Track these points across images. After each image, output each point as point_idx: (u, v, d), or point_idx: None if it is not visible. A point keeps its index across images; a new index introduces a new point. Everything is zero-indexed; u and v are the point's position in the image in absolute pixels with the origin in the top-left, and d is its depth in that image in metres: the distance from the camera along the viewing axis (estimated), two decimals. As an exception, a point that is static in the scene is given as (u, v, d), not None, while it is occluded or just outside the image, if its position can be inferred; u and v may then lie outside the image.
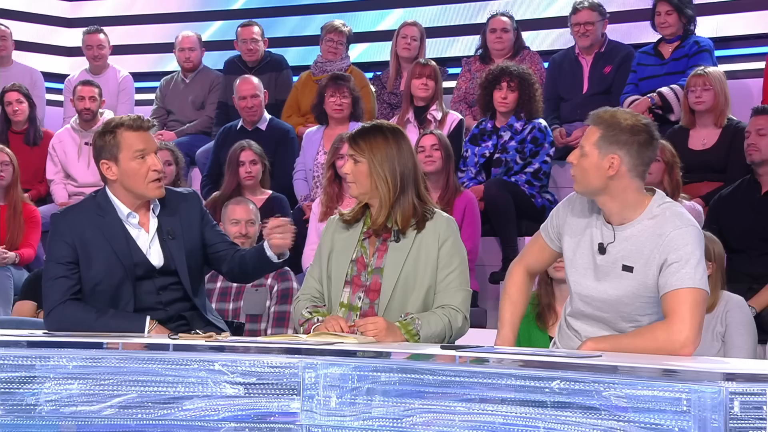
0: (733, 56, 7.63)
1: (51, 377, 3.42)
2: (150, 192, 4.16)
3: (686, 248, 3.51)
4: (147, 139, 4.16)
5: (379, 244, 4.01)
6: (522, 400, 2.97)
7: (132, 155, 4.13)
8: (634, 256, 3.59)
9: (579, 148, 3.62)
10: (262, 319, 5.73)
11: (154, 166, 4.14)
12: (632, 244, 3.59)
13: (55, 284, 4.12)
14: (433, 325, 3.89)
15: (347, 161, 4.03)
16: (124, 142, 4.14)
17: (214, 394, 3.34)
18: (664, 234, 3.54)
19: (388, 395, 3.16)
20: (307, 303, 4.07)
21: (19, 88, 8.05)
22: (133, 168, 4.13)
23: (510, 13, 7.79)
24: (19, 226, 6.96)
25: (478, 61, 7.71)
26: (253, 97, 7.53)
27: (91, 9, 9.89)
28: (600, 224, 3.68)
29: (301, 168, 7.27)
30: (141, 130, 4.15)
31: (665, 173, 5.73)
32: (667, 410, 2.76)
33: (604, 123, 3.61)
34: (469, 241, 6.08)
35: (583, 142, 3.61)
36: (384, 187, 3.95)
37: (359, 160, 3.98)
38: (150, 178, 4.14)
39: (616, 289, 3.62)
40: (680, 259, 3.50)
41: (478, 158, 6.81)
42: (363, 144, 3.99)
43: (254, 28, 8.37)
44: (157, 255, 4.18)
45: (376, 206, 4.01)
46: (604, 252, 3.64)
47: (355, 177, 3.99)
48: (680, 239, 3.52)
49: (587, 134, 3.63)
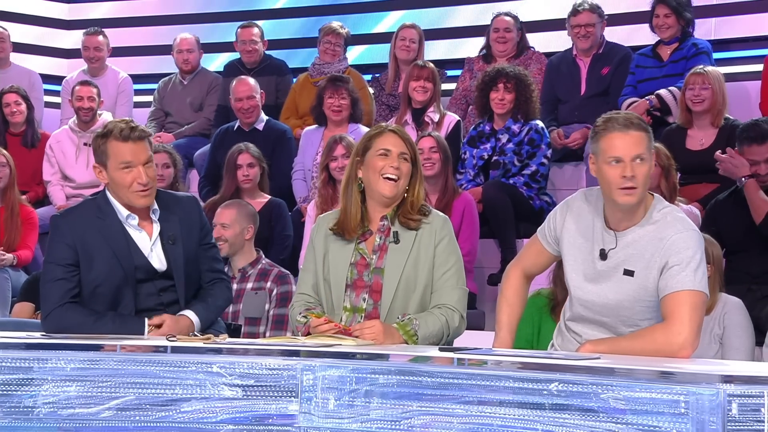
0: (731, 59, 7.64)
1: (49, 379, 3.41)
2: (135, 200, 4.14)
3: (687, 252, 3.51)
4: (135, 151, 4.12)
5: (381, 242, 4.01)
6: (520, 402, 2.97)
7: (118, 165, 4.12)
8: (634, 261, 3.59)
9: (636, 158, 3.53)
10: (261, 322, 5.74)
11: (139, 179, 4.10)
12: (634, 249, 3.59)
13: (54, 286, 4.12)
14: (431, 325, 3.90)
15: (396, 158, 4.00)
16: (112, 151, 4.13)
17: (212, 396, 3.34)
18: (666, 238, 3.54)
19: (387, 397, 3.16)
20: (301, 308, 4.06)
21: (17, 90, 8.06)
22: (119, 177, 4.12)
23: (514, 13, 7.78)
24: (17, 227, 6.96)
25: (481, 61, 7.70)
26: (249, 98, 7.52)
27: (89, 11, 9.89)
28: (601, 230, 3.66)
29: (300, 168, 7.27)
30: (130, 141, 4.11)
31: (662, 177, 5.71)
32: (665, 412, 2.76)
33: (644, 128, 3.59)
34: (468, 243, 6.08)
35: (639, 151, 3.54)
36: (421, 186, 4.00)
37: (409, 159, 4.02)
38: (134, 189, 4.12)
39: (617, 293, 3.62)
40: (681, 262, 3.50)
41: (476, 160, 6.81)
42: (412, 142, 4.06)
43: (254, 29, 8.38)
44: (158, 259, 4.18)
45: (385, 205, 4.01)
46: (606, 258, 3.63)
47: (405, 174, 4.01)
48: (681, 243, 3.52)
49: (638, 140, 3.55)
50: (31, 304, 6.17)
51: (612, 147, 3.57)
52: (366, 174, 4.03)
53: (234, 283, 5.81)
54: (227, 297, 4.36)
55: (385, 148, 3.99)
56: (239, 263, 5.90)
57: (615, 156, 3.56)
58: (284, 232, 6.71)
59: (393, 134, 4.04)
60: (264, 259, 5.95)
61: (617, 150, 3.56)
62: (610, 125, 3.58)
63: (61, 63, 9.74)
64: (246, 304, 5.75)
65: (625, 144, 3.55)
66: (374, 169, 3.99)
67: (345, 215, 4.05)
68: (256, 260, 5.92)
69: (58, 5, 9.93)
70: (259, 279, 5.84)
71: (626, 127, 3.56)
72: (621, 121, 3.57)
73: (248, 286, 5.81)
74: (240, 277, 5.86)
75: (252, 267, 5.89)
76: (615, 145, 3.56)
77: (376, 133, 4.06)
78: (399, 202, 4.03)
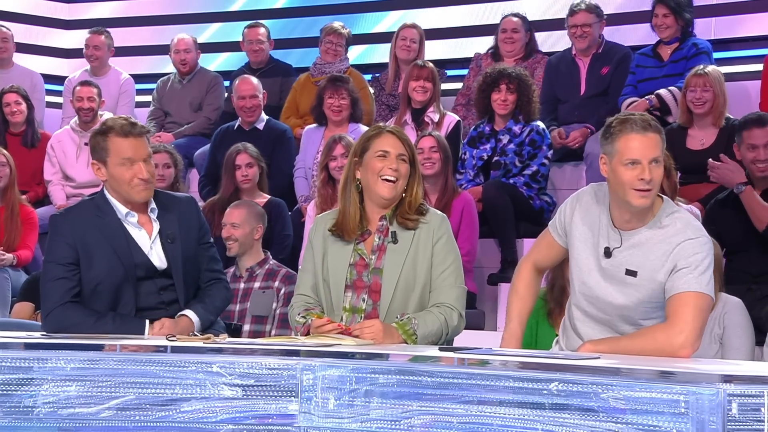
0: (731, 58, 7.64)
1: (49, 379, 3.41)
2: (135, 195, 4.15)
3: (696, 256, 3.52)
4: (136, 147, 4.13)
5: (380, 242, 4.01)
6: (520, 401, 2.97)
7: (119, 161, 4.12)
8: (638, 262, 3.58)
9: (653, 161, 3.52)
10: (267, 321, 5.76)
11: (140, 174, 4.11)
12: (639, 251, 3.59)
13: (54, 285, 4.12)
14: (430, 324, 3.90)
15: (395, 159, 3.99)
16: (112, 147, 4.13)
17: (212, 396, 3.34)
18: (675, 243, 3.54)
19: (387, 397, 3.16)
20: (301, 309, 4.06)
21: (18, 90, 8.07)
22: (119, 173, 4.12)
23: (523, 14, 7.75)
24: (17, 227, 6.96)
25: (490, 58, 7.69)
26: (252, 97, 7.53)
27: (89, 11, 9.89)
28: (607, 227, 3.66)
29: (301, 166, 7.27)
30: (131, 136, 4.12)
31: (663, 177, 5.72)
32: (665, 412, 2.76)
33: (660, 129, 3.58)
34: (467, 243, 6.08)
35: (656, 154, 3.53)
36: (419, 185, 3.99)
37: (407, 160, 4.01)
38: (134, 184, 4.12)
39: (621, 293, 3.62)
40: (689, 265, 3.51)
41: (476, 161, 6.80)
42: (410, 143, 4.04)
43: (260, 29, 8.40)
44: (158, 257, 4.18)
45: (383, 206, 4.01)
46: (610, 256, 3.63)
47: (404, 175, 4.00)
48: (691, 248, 3.53)
49: (655, 143, 3.55)
50: (30, 304, 6.17)
51: (629, 149, 3.54)
52: (364, 175, 4.02)
53: (241, 282, 5.84)
54: (225, 297, 4.36)
55: (384, 150, 3.99)
56: (247, 263, 5.92)
57: (633, 158, 3.53)
58: (284, 232, 6.71)
59: (391, 135, 4.03)
60: (271, 260, 5.97)
61: (635, 152, 3.53)
62: (628, 126, 3.55)
63: (61, 63, 9.74)
64: (254, 303, 5.78)
65: (644, 146, 3.53)
66: (373, 170, 3.98)
67: (344, 216, 4.04)
68: (264, 260, 5.94)
69: (58, 5, 9.93)
70: (266, 279, 5.86)
71: (644, 129, 3.54)
72: (639, 123, 3.54)
73: (256, 285, 5.84)
74: (247, 276, 5.88)
75: (260, 267, 5.91)
76: (633, 147, 3.54)
77: (374, 134, 4.05)
78: (397, 202, 4.03)
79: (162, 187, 6.55)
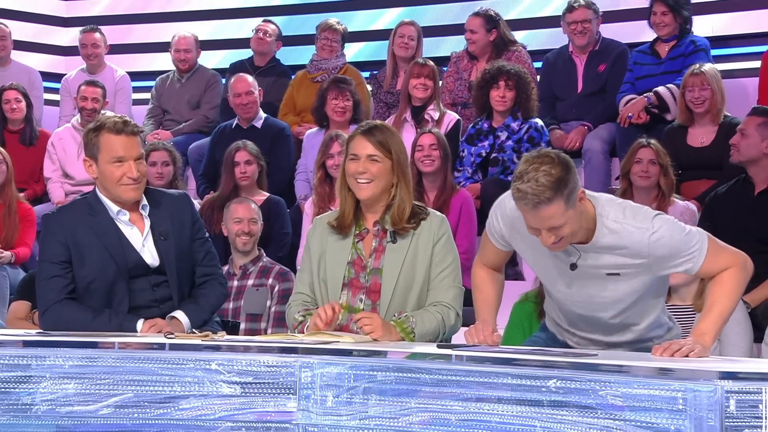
0: (729, 55, 7.64)
1: (47, 377, 3.41)
2: (123, 194, 4.14)
3: (675, 237, 3.47)
4: (128, 145, 4.11)
5: (377, 245, 4.01)
6: (518, 399, 2.98)
7: (110, 159, 4.11)
8: (608, 263, 3.53)
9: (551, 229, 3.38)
10: (262, 319, 5.75)
11: (130, 174, 4.09)
12: (600, 259, 3.52)
13: (49, 284, 4.12)
14: (427, 322, 3.90)
15: (364, 161, 3.97)
16: (104, 145, 4.12)
17: (211, 393, 3.34)
18: (644, 245, 3.45)
19: (385, 394, 3.16)
20: (299, 308, 4.06)
21: (17, 87, 8.06)
22: (109, 171, 4.12)
23: (487, 11, 7.59)
24: (15, 225, 6.95)
25: (466, 58, 7.66)
26: (247, 94, 7.53)
27: (86, 8, 9.88)
28: None
29: (303, 170, 7.27)
30: (123, 134, 4.10)
31: (661, 175, 5.82)
32: (663, 409, 2.76)
33: (550, 197, 3.34)
34: (466, 240, 6.09)
35: (552, 224, 3.36)
36: (404, 186, 3.97)
37: (383, 159, 3.97)
38: (123, 183, 4.11)
39: (598, 289, 3.59)
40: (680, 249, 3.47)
41: (474, 158, 6.81)
42: (388, 142, 3.98)
43: (271, 25, 8.41)
44: (150, 254, 4.18)
45: (377, 206, 4.01)
46: (576, 268, 3.58)
47: (376, 176, 3.97)
48: (664, 240, 3.46)
49: (549, 214, 3.34)
50: (27, 303, 6.15)
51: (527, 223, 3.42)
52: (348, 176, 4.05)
53: (235, 279, 5.83)
54: (220, 293, 4.34)
55: (354, 153, 3.99)
56: (241, 260, 5.91)
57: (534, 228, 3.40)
58: (282, 230, 6.71)
59: (361, 138, 4.00)
60: (265, 257, 5.97)
61: (533, 223, 3.39)
62: (519, 203, 3.37)
63: (59, 60, 9.73)
64: (247, 301, 5.77)
65: (537, 220, 3.37)
66: (348, 173, 4.00)
67: (342, 213, 4.06)
68: (257, 257, 5.94)
69: (56, 2, 9.92)
70: (260, 276, 5.85)
71: (535, 206, 3.32)
72: (531, 199, 3.32)
73: (249, 282, 5.84)
74: (241, 274, 5.88)
75: (253, 264, 5.91)
76: (528, 219, 3.38)
77: (350, 137, 4.07)
78: (387, 205, 4.01)
79: (161, 184, 6.56)
